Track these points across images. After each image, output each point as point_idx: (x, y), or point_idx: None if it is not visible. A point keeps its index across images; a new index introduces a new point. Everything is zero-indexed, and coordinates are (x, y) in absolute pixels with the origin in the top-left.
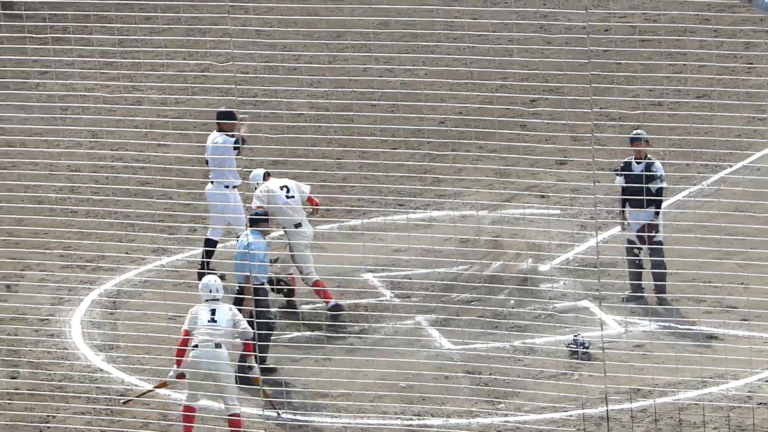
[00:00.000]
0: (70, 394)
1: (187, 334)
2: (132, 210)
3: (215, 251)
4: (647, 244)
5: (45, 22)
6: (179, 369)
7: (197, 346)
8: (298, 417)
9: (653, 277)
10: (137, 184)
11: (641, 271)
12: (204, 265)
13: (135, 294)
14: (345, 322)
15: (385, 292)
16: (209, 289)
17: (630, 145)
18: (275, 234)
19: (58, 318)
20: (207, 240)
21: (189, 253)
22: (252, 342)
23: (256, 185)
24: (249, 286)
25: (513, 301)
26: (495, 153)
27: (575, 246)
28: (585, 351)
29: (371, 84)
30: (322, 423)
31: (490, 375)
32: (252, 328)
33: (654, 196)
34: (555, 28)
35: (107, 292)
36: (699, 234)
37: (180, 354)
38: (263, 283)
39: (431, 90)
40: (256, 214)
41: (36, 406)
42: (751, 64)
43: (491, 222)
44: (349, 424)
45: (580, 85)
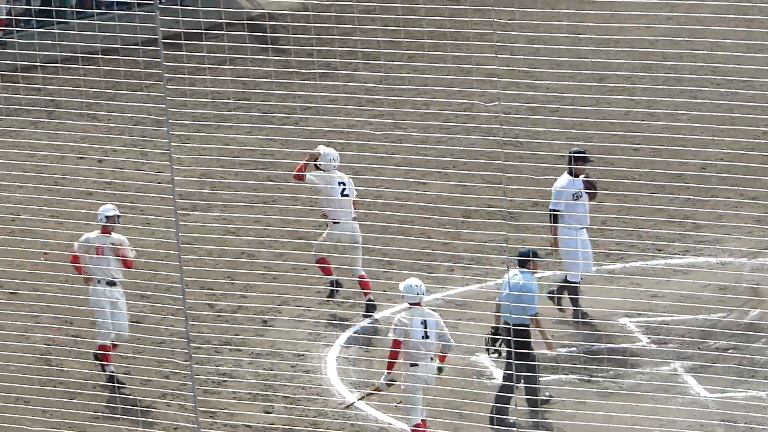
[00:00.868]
0: (323, 430)
1: (398, 344)
2: (390, 247)
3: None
4: None
5: (311, 57)
6: (391, 377)
7: (417, 364)
8: None
9: None
10: (396, 221)
11: None
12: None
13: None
14: (600, 366)
15: (642, 337)
16: (415, 292)
17: None
18: (546, 274)
19: (314, 354)
20: (567, 282)
21: (446, 293)
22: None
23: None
24: (528, 328)
25: None
26: (756, 200)
27: None
28: None
29: (633, 128)
30: None
31: (745, 424)
32: (518, 370)
33: None
34: None
35: (363, 329)
36: None
37: (393, 361)
38: (528, 324)
39: (693, 135)
40: (523, 254)
41: None
42: None
43: (751, 269)
44: None
45: None
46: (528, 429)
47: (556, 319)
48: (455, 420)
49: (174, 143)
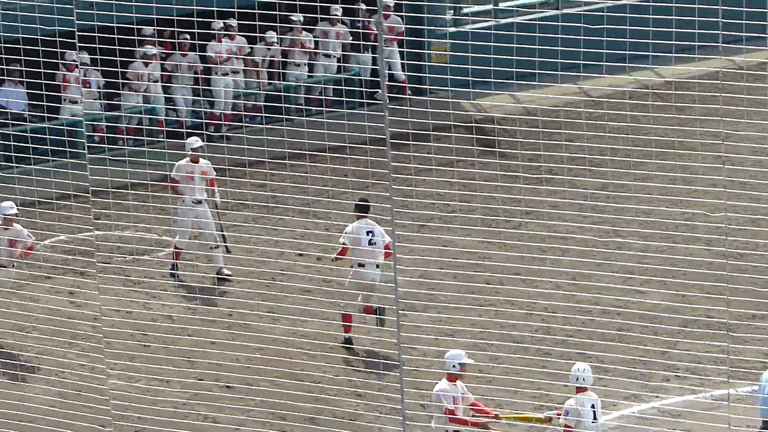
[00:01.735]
0: None
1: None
2: (606, 354)
3: None
4: None
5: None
6: None
7: None
8: None
9: None
10: (613, 328)
11: None
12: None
13: None
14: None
15: None
16: (581, 379)
17: None
18: None
19: None
20: None
21: (661, 402)
22: None
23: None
24: None
25: None
26: None
27: None
28: None
29: None
30: None
31: None
32: None
33: None
34: None
35: None
36: None
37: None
38: None
39: None
40: None
41: None
42: None
43: None
44: None
45: None
46: None
47: None
48: None
49: (397, 243)
